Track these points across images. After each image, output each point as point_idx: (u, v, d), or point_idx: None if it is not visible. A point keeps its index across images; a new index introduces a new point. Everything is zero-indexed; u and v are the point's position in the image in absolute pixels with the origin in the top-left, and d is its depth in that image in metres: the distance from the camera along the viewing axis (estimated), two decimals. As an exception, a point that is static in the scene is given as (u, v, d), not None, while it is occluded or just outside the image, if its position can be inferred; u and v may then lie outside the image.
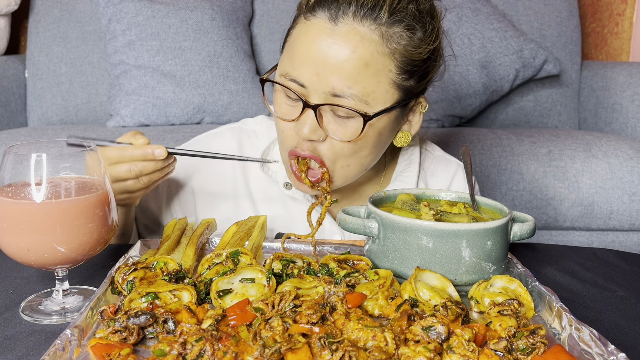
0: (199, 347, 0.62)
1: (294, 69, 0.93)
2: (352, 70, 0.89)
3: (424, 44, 0.94)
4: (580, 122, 2.57)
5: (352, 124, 0.93)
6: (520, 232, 0.85)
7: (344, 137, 0.94)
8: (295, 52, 0.94)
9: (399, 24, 0.91)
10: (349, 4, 0.90)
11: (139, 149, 0.93)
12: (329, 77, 0.90)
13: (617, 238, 2.05)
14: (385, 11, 0.90)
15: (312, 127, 0.93)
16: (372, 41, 0.90)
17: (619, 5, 2.65)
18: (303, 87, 0.92)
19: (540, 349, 0.65)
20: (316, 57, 0.90)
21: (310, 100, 0.93)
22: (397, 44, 0.91)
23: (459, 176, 1.20)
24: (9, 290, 0.85)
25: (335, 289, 0.77)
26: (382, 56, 0.91)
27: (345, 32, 0.89)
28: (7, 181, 0.74)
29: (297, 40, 0.94)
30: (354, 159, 0.98)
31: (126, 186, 0.95)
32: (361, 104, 0.91)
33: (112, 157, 0.93)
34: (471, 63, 2.31)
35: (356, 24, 0.90)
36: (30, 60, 2.42)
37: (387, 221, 0.83)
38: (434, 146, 1.24)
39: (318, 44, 0.90)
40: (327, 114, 0.94)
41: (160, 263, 0.81)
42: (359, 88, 0.90)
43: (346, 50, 0.89)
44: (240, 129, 1.20)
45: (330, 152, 0.97)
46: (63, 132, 2.07)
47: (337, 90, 0.90)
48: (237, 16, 2.36)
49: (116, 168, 0.93)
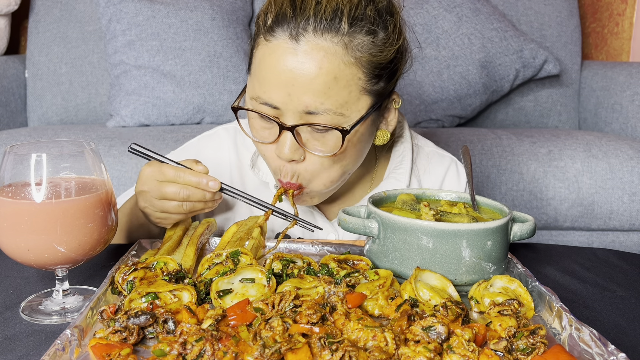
0: (199, 347, 0.62)
1: (264, 92, 0.91)
2: (322, 86, 0.88)
3: (389, 45, 0.93)
4: (580, 122, 2.57)
5: (331, 138, 0.92)
6: (520, 232, 0.85)
7: (325, 151, 0.93)
8: (262, 75, 0.92)
9: (360, 31, 0.89)
10: (307, 20, 0.88)
11: (196, 176, 0.92)
12: (300, 97, 0.89)
13: (617, 238, 2.05)
14: (345, 22, 0.88)
15: (292, 148, 0.92)
16: (336, 53, 0.88)
17: (619, 5, 2.65)
18: (276, 108, 0.91)
19: (540, 349, 0.65)
20: (284, 79, 0.89)
21: (285, 122, 0.91)
22: (361, 52, 0.90)
23: (452, 171, 1.19)
24: (9, 290, 0.85)
25: (335, 289, 0.77)
26: (348, 66, 0.89)
27: (308, 50, 0.88)
28: (7, 181, 0.74)
29: (262, 63, 0.92)
30: (335, 169, 0.97)
31: (168, 207, 0.94)
32: (337, 117, 0.90)
33: (168, 175, 0.92)
34: (471, 63, 2.30)
35: (317, 39, 0.88)
36: (30, 60, 2.42)
37: (387, 221, 0.83)
38: (426, 141, 1.23)
39: (283, 65, 0.89)
40: (305, 131, 0.93)
41: (160, 263, 0.81)
42: (331, 102, 0.89)
43: (313, 67, 0.87)
44: (235, 129, 1.19)
45: (309, 172, 0.96)
46: (63, 132, 2.07)
47: (310, 107, 0.89)
48: (237, 16, 2.36)
49: (167, 187, 0.92)
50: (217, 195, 0.95)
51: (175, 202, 0.93)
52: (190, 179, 0.92)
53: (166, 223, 0.99)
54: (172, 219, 0.97)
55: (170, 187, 0.92)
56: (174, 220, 0.98)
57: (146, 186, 0.94)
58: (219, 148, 1.17)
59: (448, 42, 2.31)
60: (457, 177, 1.19)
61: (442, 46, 2.31)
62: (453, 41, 2.31)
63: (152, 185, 0.93)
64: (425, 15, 2.34)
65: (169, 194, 0.92)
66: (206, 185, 0.92)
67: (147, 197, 0.94)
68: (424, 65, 2.31)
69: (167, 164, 0.93)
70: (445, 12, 2.33)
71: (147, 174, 0.94)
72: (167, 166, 0.93)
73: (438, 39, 2.32)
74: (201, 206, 0.95)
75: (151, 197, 0.94)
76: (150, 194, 0.94)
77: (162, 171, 0.92)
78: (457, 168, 1.19)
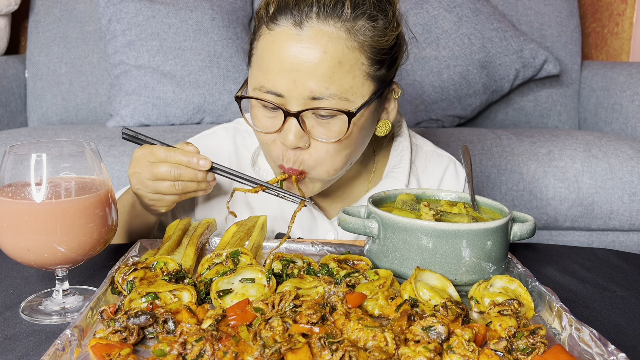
0: (199, 347, 0.62)
1: (268, 81, 0.92)
2: (327, 70, 0.89)
3: (389, 31, 0.95)
4: (580, 122, 2.57)
5: (336, 123, 0.93)
6: (520, 232, 0.85)
7: (330, 137, 0.94)
8: (265, 64, 0.93)
9: (362, 17, 0.91)
10: (310, 7, 0.89)
11: (187, 155, 0.93)
12: (305, 82, 0.90)
13: (617, 238, 2.05)
14: (347, 7, 0.90)
15: (297, 135, 0.93)
16: (340, 38, 0.90)
17: (619, 5, 2.65)
18: (280, 96, 0.92)
19: (540, 349, 0.65)
20: (289, 65, 0.90)
21: (290, 108, 0.92)
22: (364, 36, 0.92)
23: (451, 170, 1.19)
24: (9, 290, 0.85)
25: (335, 289, 0.77)
26: (352, 51, 0.91)
27: (312, 35, 0.89)
28: (7, 181, 0.74)
29: (265, 52, 0.93)
30: (340, 157, 0.98)
31: (161, 187, 0.95)
32: (342, 102, 0.92)
33: (159, 155, 0.93)
34: (471, 63, 2.30)
35: (321, 24, 0.89)
36: (30, 60, 2.42)
37: (387, 221, 0.83)
38: (425, 140, 1.23)
39: (288, 51, 0.90)
40: (309, 118, 0.94)
41: (160, 263, 0.81)
42: (336, 87, 0.90)
43: (317, 53, 0.89)
44: (234, 129, 1.19)
45: (313, 159, 0.96)
46: (63, 132, 2.07)
47: (315, 93, 0.90)
48: (237, 16, 2.36)
49: (158, 167, 0.93)
50: (210, 176, 0.96)
51: (168, 182, 0.94)
52: (181, 158, 0.93)
53: (160, 205, 1.00)
54: (166, 200, 0.98)
55: (161, 166, 0.93)
56: (167, 202, 0.99)
57: (138, 167, 0.95)
58: (218, 147, 1.17)
59: (448, 42, 2.31)
60: (456, 176, 1.19)
61: (442, 46, 2.31)
62: (453, 41, 2.31)
63: (144, 166, 0.95)
64: (425, 15, 2.34)
65: (161, 174, 0.93)
66: (197, 164, 0.93)
67: (139, 178, 0.96)
68: (424, 65, 2.31)
69: (158, 145, 0.95)
70: (445, 12, 2.33)
71: (139, 155, 0.95)
72: (158, 147, 0.94)
73: (438, 39, 2.32)
74: (194, 187, 0.96)
75: (144, 178, 0.95)
76: (143, 175, 0.95)
77: (153, 152, 0.94)
78: (455, 168, 1.19)
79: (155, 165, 0.94)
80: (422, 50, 2.31)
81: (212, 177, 0.96)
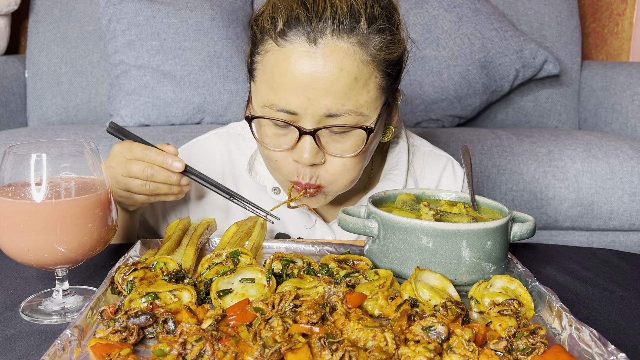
0: (199, 347, 0.62)
1: (280, 99, 0.89)
2: (344, 87, 0.87)
3: (397, 42, 0.93)
4: (580, 122, 2.57)
5: (351, 138, 0.92)
6: (520, 232, 0.85)
7: (345, 152, 0.93)
8: (277, 82, 0.89)
9: (374, 30, 0.89)
10: (325, 22, 0.86)
11: (162, 155, 0.93)
12: (321, 100, 0.87)
13: (617, 238, 2.05)
14: (363, 22, 0.87)
15: (312, 152, 0.91)
16: (354, 53, 0.87)
17: (619, 5, 2.65)
18: (294, 114, 0.89)
19: (540, 349, 0.65)
20: (304, 83, 0.87)
21: (304, 125, 0.90)
22: (377, 49, 0.89)
23: (449, 170, 1.19)
24: (9, 290, 0.85)
25: (335, 289, 0.77)
26: (366, 65, 0.89)
27: (328, 53, 0.86)
28: (7, 181, 0.74)
29: (276, 69, 0.89)
30: (356, 170, 0.97)
31: (132, 185, 0.95)
32: (357, 117, 0.90)
33: (135, 153, 0.93)
34: (471, 63, 2.30)
35: (336, 40, 0.86)
36: (30, 60, 2.42)
37: (387, 221, 0.83)
38: (422, 141, 1.22)
39: (302, 69, 0.86)
40: (324, 134, 0.92)
41: (160, 263, 0.81)
42: (352, 103, 0.88)
43: (334, 70, 0.86)
44: (227, 134, 1.18)
45: (330, 174, 0.95)
46: (63, 132, 2.07)
47: (332, 110, 0.88)
48: (237, 16, 2.36)
49: (133, 164, 0.93)
50: (184, 180, 0.95)
51: (139, 180, 0.94)
52: (156, 157, 0.92)
53: (128, 204, 0.99)
54: (134, 199, 0.98)
55: (135, 164, 0.93)
56: (135, 201, 0.98)
57: (113, 162, 0.95)
58: (211, 154, 1.16)
59: (448, 42, 2.31)
60: (454, 176, 1.19)
61: (442, 46, 2.31)
62: (453, 41, 2.31)
63: (119, 161, 0.94)
64: (425, 15, 2.34)
65: (133, 172, 0.93)
66: (171, 165, 0.93)
67: (113, 173, 0.95)
68: (424, 65, 2.31)
69: (137, 143, 0.94)
70: (445, 12, 2.33)
71: (117, 151, 0.95)
72: (136, 144, 0.94)
73: (438, 39, 2.32)
74: (165, 189, 0.95)
75: (117, 173, 0.95)
76: (116, 170, 0.95)
77: (131, 149, 0.93)
78: (453, 167, 1.19)
79: (130, 162, 0.93)
80: (422, 50, 2.31)
81: (186, 181, 0.95)
